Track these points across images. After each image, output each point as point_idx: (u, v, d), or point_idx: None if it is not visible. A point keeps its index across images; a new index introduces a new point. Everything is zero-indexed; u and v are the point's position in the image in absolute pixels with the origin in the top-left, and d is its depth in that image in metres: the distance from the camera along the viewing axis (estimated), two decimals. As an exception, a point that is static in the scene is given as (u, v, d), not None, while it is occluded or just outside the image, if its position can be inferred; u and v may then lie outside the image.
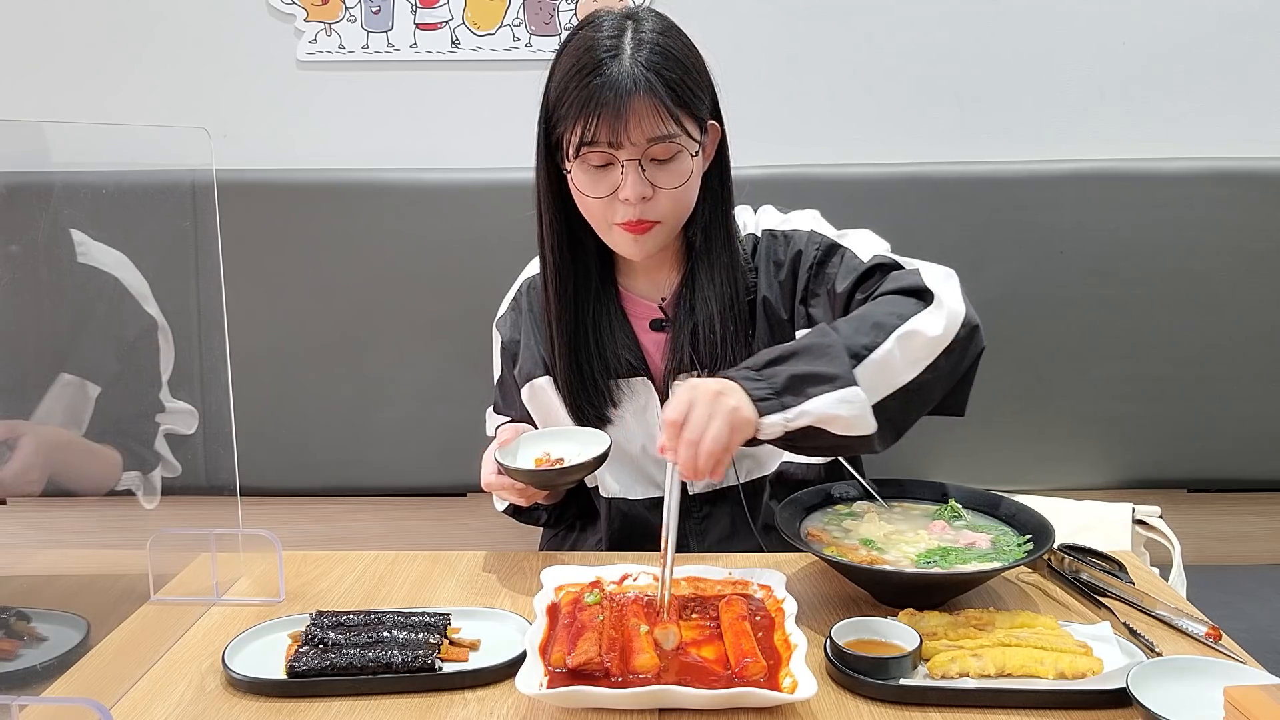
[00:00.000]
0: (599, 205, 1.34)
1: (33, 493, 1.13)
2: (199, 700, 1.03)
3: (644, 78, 1.28)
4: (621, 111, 1.27)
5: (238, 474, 1.30)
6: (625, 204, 1.32)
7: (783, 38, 1.99)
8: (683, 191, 1.35)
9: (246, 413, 1.32)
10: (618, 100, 1.27)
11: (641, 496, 1.47)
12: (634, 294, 1.48)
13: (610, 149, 1.30)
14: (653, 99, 1.28)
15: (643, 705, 0.97)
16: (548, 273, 1.42)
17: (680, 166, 1.33)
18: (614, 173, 1.31)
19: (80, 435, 1.18)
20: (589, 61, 1.29)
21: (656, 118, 1.29)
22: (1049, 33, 1.98)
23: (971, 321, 1.27)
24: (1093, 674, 1.00)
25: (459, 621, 1.14)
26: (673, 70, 1.31)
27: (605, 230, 1.38)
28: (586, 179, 1.33)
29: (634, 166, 1.30)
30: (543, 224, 1.42)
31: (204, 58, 2.01)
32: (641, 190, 1.31)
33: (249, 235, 1.92)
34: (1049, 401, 1.96)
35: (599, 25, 1.33)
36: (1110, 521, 1.73)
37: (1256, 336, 1.94)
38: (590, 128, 1.28)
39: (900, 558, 1.18)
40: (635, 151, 1.30)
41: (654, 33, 1.33)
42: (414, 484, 2.03)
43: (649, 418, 1.45)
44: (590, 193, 1.33)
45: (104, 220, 1.19)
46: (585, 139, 1.29)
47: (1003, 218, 1.93)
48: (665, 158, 1.32)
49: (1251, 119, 2.00)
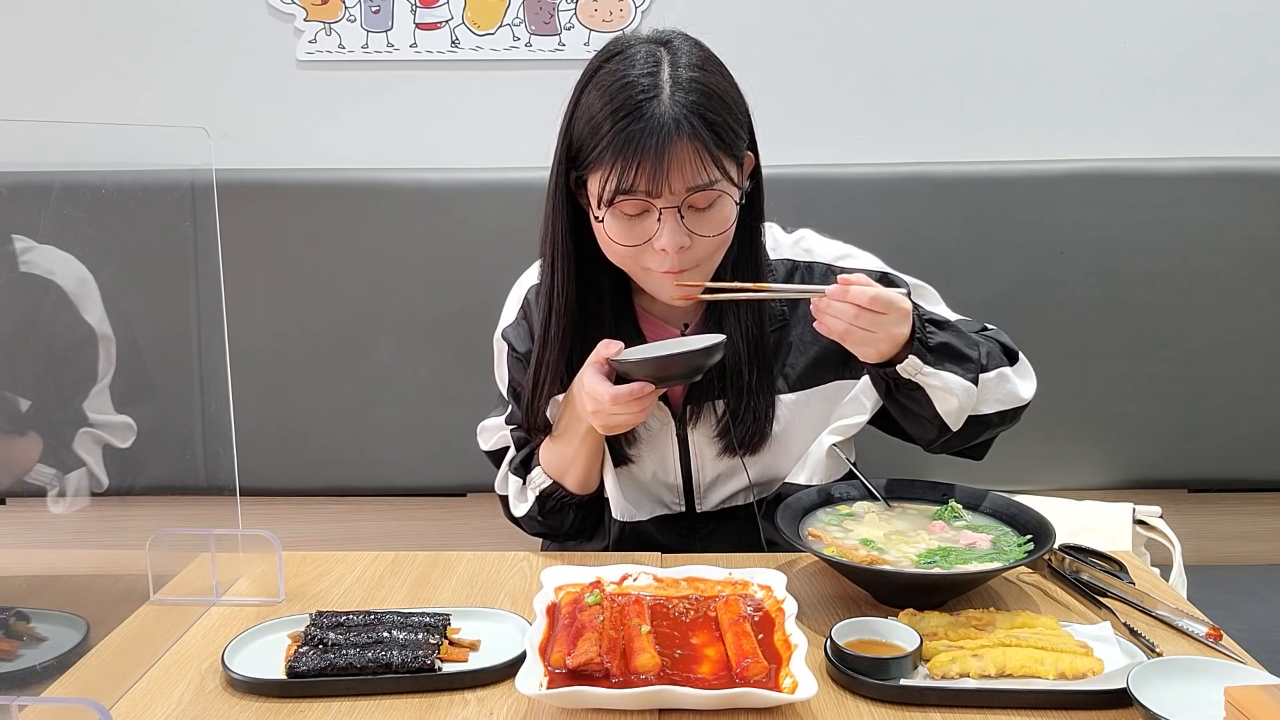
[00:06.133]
0: (632, 255, 1.28)
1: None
2: (199, 700, 1.03)
3: (687, 122, 1.21)
4: (662, 159, 1.20)
5: (237, 474, 1.30)
6: (661, 254, 1.26)
7: (783, 39, 1.99)
8: (722, 239, 1.29)
9: (246, 413, 1.32)
10: (659, 146, 1.20)
11: (650, 516, 1.45)
12: (653, 316, 1.43)
13: (648, 198, 1.23)
14: (696, 145, 1.21)
15: (643, 705, 0.97)
16: (552, 309, 1.35)
17: (720, 214, 1.27)
18: (649, 220, 1.25)
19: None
20: (625, 102, 1.22)
21: (699, 163, 1.22)
22: (1049, 33, 1.98)
23: (1030, 401, 1.40)
24: (1093, 674, 1.00)
25: (459, 622, 1.14)
26: (716, 112, 1.24)
27: (640, 277, 1.32)
28: (619, 227, 1.26)
29: (672, 215, 1.24)
30: (554, 262, 1.34)
31: (204, 58, 2.01)
32: (680, 240, 1.24)
33: (249, 235, 1.92)
34: (1049, 401, 1.94)
35: (631, 59, 1.25)
36: (1111, 521, 1.73)
37: (1256, 336, 1.94)
38: (629, 176, 1.21)
39: (900, 558, 1.18)
40: (674, 200, 1.23)
41: (692, 67, 1.25)
42: (414, 484, 2.03)
43: (662, 444, 1.42)
44: (623, 241, 1.27)
45: (103, 220, 1.19)
46: (622, 187, 1.22)
47: (1003, 218, 1.93)
48: (705, 205, 1.25)
49: (1251, 119, 2.00)
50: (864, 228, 1.57)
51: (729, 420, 1.38)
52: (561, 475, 1.42)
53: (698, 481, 1.44)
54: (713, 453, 1.41)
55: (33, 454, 1.18)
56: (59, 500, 1.19)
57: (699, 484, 1.44)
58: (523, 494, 1.48)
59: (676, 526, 1.46)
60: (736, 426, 1.38)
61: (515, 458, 1.50)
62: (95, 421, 1.22)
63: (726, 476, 1.44)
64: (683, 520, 1.46)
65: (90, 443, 1.22)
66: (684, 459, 1.43)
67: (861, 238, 1.51)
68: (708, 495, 1.45)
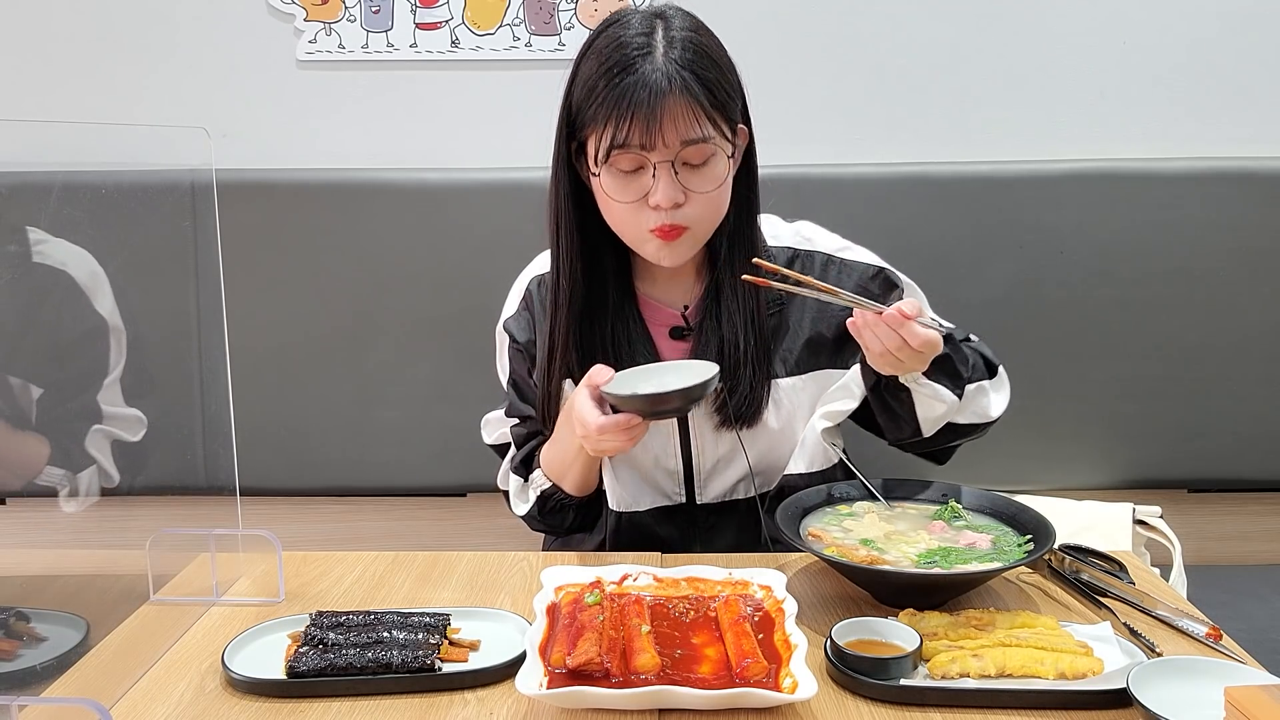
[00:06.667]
0: (627, 212, 1.30)
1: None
2: (199, 700, 1.03)
3: (679, 76, 1.23)
4: (655, 112, 1.22)
5: (237, 474, 1.30)
6: (656, 210, 1.27)
7: (783, 38, 1.99)
8: (716, 196, 1.31)
9: (246, 413, 1.32)
10: (651, 100, 1.22)
11: (649, 507, 1.45)
12: (654, 300, 1.44)
13: (642, 151, 1.25)
14: (688, 98, 1.24)
15: (643, 705, 0.97)
16: (560, 286, 1.37)
17: (714, 171, 1.29)
18: (644, 177, 1.27)
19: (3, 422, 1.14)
20: (619, 60, 1.24)
21: (691, 118, 1.24)
22: (1049, 33, 1.98)
23: (999, 418, 1.41)
24: (1093, 674, 1.00)
25: (459, 621, 1.14)
26: (708, 70, 1.26)
27: (633, 238, 1.34)
28: (615, 184, 1.28)
29: (666, 169, 1.26)
30: (559, 236, 1.37)
31: (204, 58, 2.01)
32: (674, 195, 1.26)
33: (249, 235, 1.92)
34: (1049, 401, 1.96)
35: (626, 24, 1.28)
36: (1110, 521, 1.73)
37: (1256, 336, 1.94)
38: (622, 129, 1.23)
39: (900, 558, 1.18)
40: (668, 154, 1.25)
41: (686, 30, 1.28)
42: (414, 484, 2.03)
43: (664, 428, 1.42)
44: (619, 198, 1.29)
45: (104, 220, 1.19)
46: (616, 141, 1.24)
47: (1003, 218, 1.93)
48: (699, 161, 1.27)
49: (1251, 119, 2.00)
50: (864, 228, 1.57)
51: (725, 394, 1.38)
52: (560, 478, 1.43)
53: (698, 466, 1.44)
54: (711, 428, 1.42)
55: (42, 456, 1.18)
56: (70, 500, 1.20)
57: (699, 469, 1.44)
58: (523, 493, 1.50)
59: (676, 519, 1.46)
60: (733, 397, 1.39)
61: (516, 456, 1.51)
62: (107, 414, 1.23)
63: (726, 462, 1.44)
64: (682, 512, 1.46)
65: (101, 439, 1.22)
66: (684, 443, 1.43)
67: (861, 237, 1.51)
68: (708, 484, 1.45)
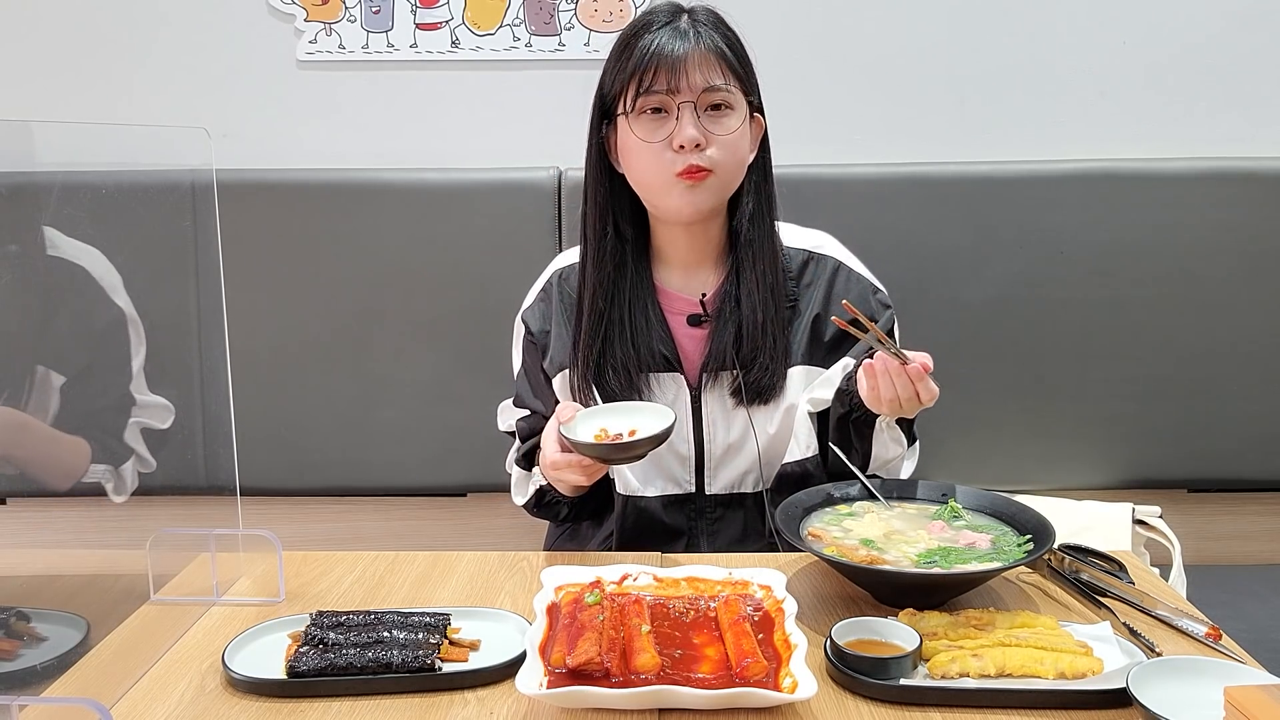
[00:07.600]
0: (654, 158, 1.38)
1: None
2: (199, 700, 1.03)
3: (703, 34, 1.38)
4: (678, 60, 1.36)
5: (238, 474, 1.30)
6: (680, 152, 1.36)
7: (783, 38, 1.99)
8: (735, 140, 1.39)
9: (246, 413, 1.32)
10: (675, 50, 1.36)
11: (659, 494, 1.47)
12: (671, 289, 1.49)
13: (667, 94, 1.36)
14: (710, 52, 1.37)
15: (643, 705, 0.97)
16: (588, 256, 1.45)
17: (733, 119, 1.39)
18: (669, 121, 1.37)
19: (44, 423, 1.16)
20: (644, 26, 1.39)
21: (712, 69, 1.37)
22: (1049, 33, 1.98)
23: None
24: (1093, 674, 1.00)
25: (459, 621, 1.14)
26: (729, 38, 1.40)
27: (660, 186, 1.40)
28: (643, 127, 1.38)
29: (689, 109, 1.36)
30: (587, 204, 1.46)
31: (204, 58, 2.01)
32: (695, 135, 1.35)
33: (249, 235, 1.92)
34: (1049, 401, 1.96)
35: (652, 11, 1.42)
36: (1110, 521, 1.73)
37: (1256, 336, 1.94)
38: (649, 77, 1.36)
39: (900, 558, 1.18)
40: (690, 95, 1.36)
41: (709, 14, 1.42)
42: (414, 484, 2.03)
43: (677, 409, 1.44)
44: (646, 138, 1.37)
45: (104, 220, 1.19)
46: (642, 88, 1.36)
47: (1003, 218, 1.93)
48: (719, 105, 1.38)
49: (1251, 119, 2.00)
50: (864, 228, 1.57)
51: (740, 373, 1.43)
52: (555, 481, 1.44)
53: (709, 452, 1.47)
54: (724, 410, 1.45)
55: (86, 454, 1.20)
56: (118, 494, 1.21)
57: (710, 455, 1.47)
58: (523, 485, 1.55)
59: (684, 508, 1.48)
60: (750, 373, 1.43)
61: (520, 449, 1.54)
62: (140, 403, 1.24)
63: (736, 449, 1.47)
64: (690, 502, 1.48)
65: (135, 429, 1.24)
66: (696, 427, 1.46)
67: (861, 238, 1.52)
68: (718, 473, 1.48)
